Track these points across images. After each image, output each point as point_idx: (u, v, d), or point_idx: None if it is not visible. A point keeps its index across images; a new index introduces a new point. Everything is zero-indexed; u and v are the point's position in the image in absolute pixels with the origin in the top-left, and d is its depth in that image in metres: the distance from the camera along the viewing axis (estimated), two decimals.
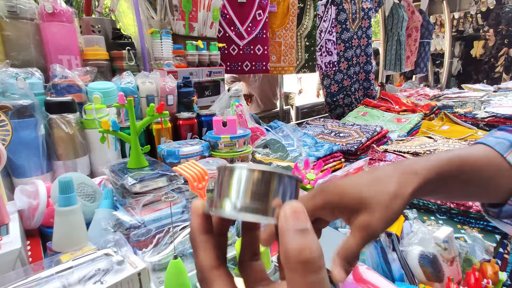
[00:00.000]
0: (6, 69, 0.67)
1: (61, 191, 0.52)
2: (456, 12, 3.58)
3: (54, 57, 0.78)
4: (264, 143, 0.95)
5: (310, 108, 2.24)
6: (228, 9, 1.18)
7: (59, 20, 0.78)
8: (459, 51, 3.82)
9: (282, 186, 0.19)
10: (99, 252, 0.47)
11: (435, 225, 0.73)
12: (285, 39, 1.36)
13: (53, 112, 0.69)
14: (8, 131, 0.56)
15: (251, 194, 0.18)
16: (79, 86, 0.76)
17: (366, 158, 0.85)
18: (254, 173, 0.18)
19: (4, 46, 0.73)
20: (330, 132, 1.35)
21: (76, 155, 0.72)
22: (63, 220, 0.52)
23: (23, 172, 0.66)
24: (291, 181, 0.19)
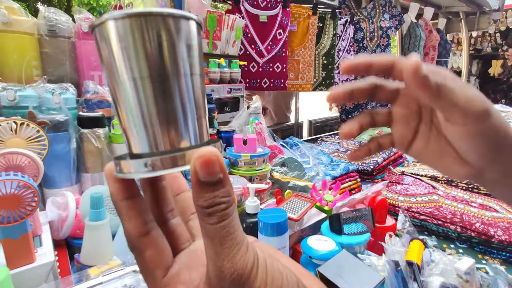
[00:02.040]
0: (44, 84, 0.71)
1: (93, 206, 0.54)
2: (474, 31, 3.56)
3: (87, 73, 0.82)
4: (282, 161, 0.97)
5: (323, 122, 2.25)
6: (250, 28, 1.22)
7: (93, 39, 0.82)
8: (477, 69, 3.78)
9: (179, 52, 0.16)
10: (127, 269, 0.49)
11: (455, 254, 0.73)
12: (304, 57, 1.39)
13: (85, 127, 0.72)
14: (45, 145, 0.59)
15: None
16: (108, 101, 0.80)
17: (385, 182, 0.85)
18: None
19: (43, 63, 0.78)
20: (346, 150, 1.35)
21: (103, 168, 0.75)
22: (93, 234, 0.54)
23: (53, 183, 0.69)
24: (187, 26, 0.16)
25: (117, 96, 0.16)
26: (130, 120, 0.16)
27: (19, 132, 0.57)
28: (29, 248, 0.47)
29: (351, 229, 0.63)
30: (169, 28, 0.15)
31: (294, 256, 0.69)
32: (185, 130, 0.17)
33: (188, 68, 0.17)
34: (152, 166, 0.16)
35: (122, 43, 0.15)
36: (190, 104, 0.17)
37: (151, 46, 0.15)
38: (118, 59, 0.15)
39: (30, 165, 0.54)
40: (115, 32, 0.15)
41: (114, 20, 0.15)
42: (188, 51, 0.16)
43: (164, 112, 0.16)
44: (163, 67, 0.16)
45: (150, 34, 0.15)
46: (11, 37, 0.73)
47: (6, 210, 0.43)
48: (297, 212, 0.69)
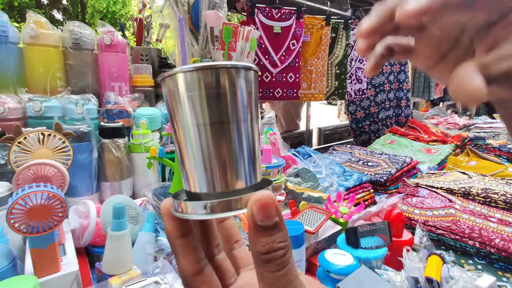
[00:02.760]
0: (68, 96, 0.74)
1: (115, 216, 0.55)
2: None
3: (108, 84, 0.85)
4: (296, 172, 0.97)
5: (332, 130, 2.24)
6: (264, 39, 1.24)
7: (115, 51, 0.85)
8: None
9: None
10: (149, 280, 0.50)
11: (474, 271, 0.71)
12: (317, 67, 1.40)
13: (106, 137, 0.74)
14: (70, 155, 0.61)
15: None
16: (128, 112, 0.82)
17: (401, 195, 0.85)
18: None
19: (66, 74, 0.80)
20: (358, 160, 1.35)
21: (122, 177, 0.77)
22: (115, 244, 0.55)
23: (75, 192, 0.71)
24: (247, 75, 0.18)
25: (180, 139, 0.18)
26: (191, 162, 0.18)
27: (46, 143, 0.59)
28: (55, 257, 0.48)
29: (368, 243, 0.63)
30: (231, 79, 0.17)
31: (310, 268, 0.69)
32: (242, 172, 0.18)
33: (248, 114, 0.18)
34: (211, 209, 0.17)
35: (190, 93, 0.17)
36: (247, 147, 0.18)
37: (215, 96, 0.17)
38: (185, 107, 0.17)
39: (56, 175, 0.56)
40: (183, 83, 0.17)
41: (183, 73, 0.17)
42: (247, 98, 0.18)
43: (223, 155, 0.17)
44: (225, 115, 0.17)
45: (215, 85, 0.17)
46: (38, 49, 0.76)
47: (35, 221, 0.45)
48: (313, 224, 0.69)
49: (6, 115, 0.67)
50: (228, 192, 0.17)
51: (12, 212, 0.43)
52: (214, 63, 0.17)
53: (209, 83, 0.17)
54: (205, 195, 0.18)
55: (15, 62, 0.74)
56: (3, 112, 0.66)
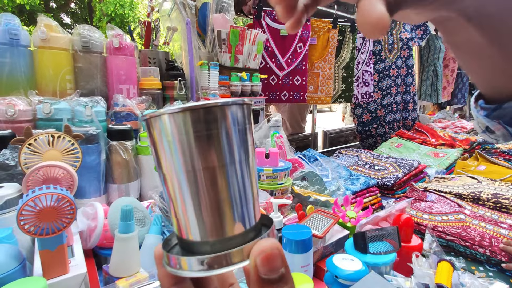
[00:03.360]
0: (78, 98, 0.74)
1: (122, 219, 0.56)
2: None
3: (116, 87, 0.85)
4: (302, 175, 0.97)
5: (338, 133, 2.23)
6: (270, 42, 1.24)
7: (123, 54, 0.85)
8: None
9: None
10: (156, 283, 0.50)
11: (485, 278, 0.70)
12: (323, 70, 1.39)
13: (114, 139, 0.74)
14: (79, 157, 0.62)
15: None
16: (136, 114, 0.82)
17: (409, 199, 0.84)
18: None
19: (76, 76, 0.81)
20: (365, 164, 1.34)
21: (129, 179, 0.77)
22: (122, 246, 0.55)
23: (83, 194, 0.71)
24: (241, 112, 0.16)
25: (169, 185, 0.16)
26: (181, 208, 0.16)
27: (56, 145, 0.59)
28: (64, 259, 0.48)
29: (377, 248, 0.62)
30: (223, 119, 0.16)
31: (317, 273, 0.68)
32: (238, 216, 0.16)
33: (243, 153, 0.16)
34: (208, 265, 0.15)
35: (177, 136, 0.15)
36: (244, 189, 0.16)
37: (206, 138, 0.15)
38: (172, 151, 0.15)
39: (66, 177, 0.56)
40: (170, 126, 0.15)
41: (170, 115, 0.15)
42: (242, 137, 0.16)
43: (218, 201, 0.16)
44: (219, 158, 0.16)
45: (206, 126, 0.15)
46: (48, 52, 0.77)
47: (45, 222, 0.45)
48: (321, 229, 0.69)
49: (16, 117, 0.67)
50: (224, 240, 0.16)
51: (22, 213, 0.43)
52: (202, 102, 0.15)
53: (200, 125, 0.15)
54: (199, 243, 0.16)
55: (26, 64, 0.75)
56: (14, 114, 0.67)
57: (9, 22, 0.72)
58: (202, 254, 0.16)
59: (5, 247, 0.45)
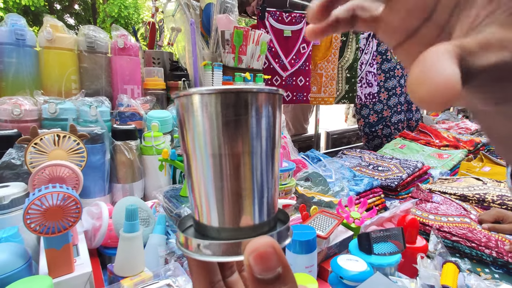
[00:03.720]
0: (83, 98, 0.75)
1: (127, 218, 0.56)
2: None
3: (120, 87, 0.86)
4: (306, 176, 0.96)
5: (340, 134, 2.22)
6: (274, 42, 1.24)
7: (128, 54, 0.86)
8: None
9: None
10: (162, 282, 0.50)
11: (491, 279, 0.69)
12: (327, 71, 1.39)
13: (118, 139, 0.75)
14: (84, 157, 0.62)
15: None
16: (140, 114, 0.83)
17: (414, 200, 0.83)
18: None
19: (81, 77, 0.82)
20: (368, 165, 1.33)
21: (133, 179, 0.77)
22: (127, 245, 0.56)
23: (88, 193, 0.71)
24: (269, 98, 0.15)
25: (192, 167, 0.16)
26: (201, 192, 0.16)
27: (61, 144, 0.60)
28: (69, 258, 0.48)
29: (381, 249, 0.61)
30: (256, 105, 0.15)
31: (321, 274, 0.68)
32: (257, 207, 0.16)
33: (270, 143, 0.16)
34: (213, 251, 0.16)
35: (208, 118, 0.15)
36: (267, 180, 0.16)
37: (236, 123, 0.15)
38: (200, 133, 0.15)
39: (71, 176, 0.57)
40: (201, 106, 0.15)
41: (202, 95, 0.15)
42: (272, 127, 0.16)
43: (240, 189, 0.16)
44: (247, 145, 0.15)
45: (237, 111, 0.15)
46: (54, 53, 0.77)
47: (51, 221, 0.45)
48: (325, 229, 0.69)
49: (22, 116, 0.68)
50: (238, 229, 0.16)
51: (29, 212, 0.43)
52: (238, 86, 0.15)
53: (230, 109, 0.15)
54: (213, 229, 0.16)
55: (32, 65, 0.76)
56: (20, 113, 0.67)
57: (16, 23, 0.73)
58: (214, 239, 0.16)
59: (11, 246, 0.46)
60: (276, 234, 0.16)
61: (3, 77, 0.73)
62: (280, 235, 0.17)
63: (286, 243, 0.17)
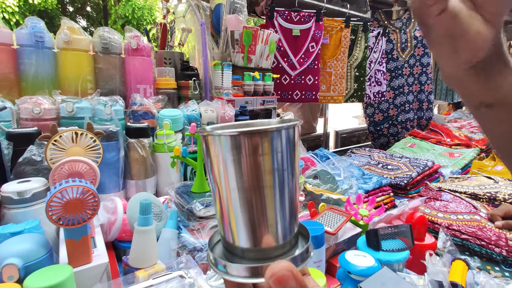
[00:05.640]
0: (98, 97, 0.78)
1: (141, 212, 0.58)
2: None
3: (134, 86, 0.88)
4: (315, 173, 0.97)
5: (350, 133, 2.22)
6: (283, 42, 1.25)
7: (141, 55, 0.88)
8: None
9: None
10: (174, 273, 0.52)
11: (501, 278, 0.69)
12: (336, 70, 1.39)
13: (132, 137, 0.77)
14: (100, 153, 0.64)
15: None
16: (153, 113, 0.85)
17: (423, 198, 0.83)
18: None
19: (96, 77, 0.85)
20: (377, 163, 1.33)
21: (146, 175, 0.80)
22: (141, 238, 0.58)
23: (103, 189, 0.74)
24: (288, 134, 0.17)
25: (220, 196, 0.18)
26: (229, 219, 0.18)
27: (79, 141, 0.62)
28: (88, 249, 0.51)
29: (389, 246, 0.62)
30: (276, 142, 0.17)
31: (329, 270, 0.69)
32: (281, 231, 0.18)
33: (290, 173, 0.18)
34: (238, 273, 0.17)
35: (231, 157, 0.17)
36: (290, 207, 0.18)
37: (256, 161, 0.17)
38: (225, 169, 0.17)
39: (89, 171, 0.59)
40: (226, 146, 0.17)
41: (227, 137, 0.17)
42: (291, 158, 0.18)
43: (263, 217, 0.18)
44: (268, 179, 0.17)
45: (259, 150, 0.17)
46: (70, 54, 0.81)
47: (71, 214, 0.48)
48: (333, 225, 0.70)
49: (42, 115, 0.71)
50: (262, 250, 0.18)
51: (51, 205, 0.46)
52: (259, 127, 0.17)
53: (253, 148, 0.17)
54: (238, 248, 0.18)
55: (50, 65, 0.79)
56: (40, 112, 0.71)
57: (35, 25, 0.76)
58: (239, 257, 0.18)
59: (34, 236, 0.48)
60: (294, 258, 0.18)
61: (24, 78, 0.76)
62: (298, 258, 0.18)
63: (305, 264, 0.19)
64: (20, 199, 0.57)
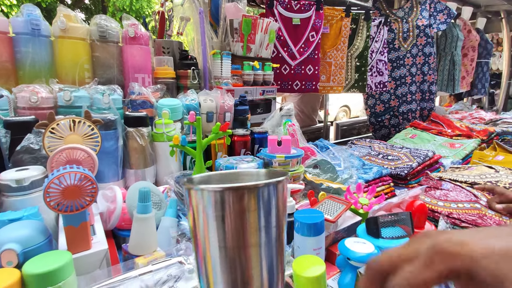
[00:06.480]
0: (96, 86, 0.77)
1: (140, 200, 0.58)
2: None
3: (132, 76, 0.87)
4: (315, 163, 0.97)
5: (350, 125, 2.21)
6: (283, 31, 1.24)
7: (139, 43, 0.87)
8: None
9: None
10: (174, 260, 0.52)
11: None
12: (336, 59, 1.38)
13: (130, 126, 0.77)
14: (98, 142, 0.64)
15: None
16: (151, 102, 0.84)
17: (423, 187, 0.83)
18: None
19: (93, 66, 0.84)
20: (378, 154, 1.32)
21: (145, 165, 0.79)
22: (140, 226, 0.58)
23: (102, 178, 0.74)
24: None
25: (202, 254, 0.17)
26: (209, 274, 0.17)
27: (77, 130, 0.62)
28: (87, 235, 0.51)
29: (389, 233, 0.62)
30: (262, 198, 0.16)
31: (329, 257, 0.69)
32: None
33: (276, 232, 0.17)
34: None
35: (217, 212, 0.16)
36: (272, 267, 0.17)
37: (240, 218, 0.16)
38: (208, 226, 0.16)
39: (87, 159, 0.59)
40: (209, 202, 0.16)
41: (210, 192, 0.16)
42: (280, 213, 0.17)
43: (246, 276, 0.17)
44: (253, 236, 0.16)
45: (243, 206, 0.16)
46: (67, 42, 0.80)
47: (69, 200, 0.48)
48: (333, 213, 0.69)
49: (39, 104, 0.70)
50: None
51: (48, 191, 0.46)
52: (244, 184, 0.16)
53: (239, 204, 0.16)
54: None
55: (47, 54, 0.78)
56: (37, 101, 0.70)
57: (31, 13, 0.75)
58: None
59: (33, 223, 0.48)
60: None
61: (20, 66, 0.76)
62: None
63: None
64: (19, 187, 0.57)
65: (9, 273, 0.40)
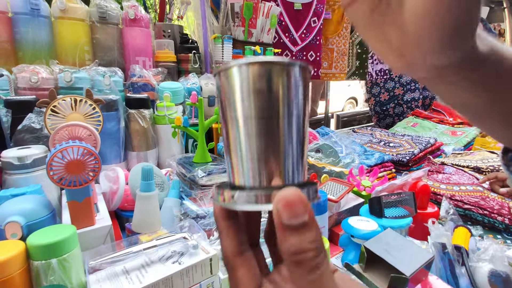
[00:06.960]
0: (96, 67, 0.76)
1: (143, 178, 0.57)
2: None
3: (132, 58, 0.87)
4: (317, 147, 0.96)
5: (351, 116, 2.20)
6: (284, 16, 1.22)
7: (139, 26, 0.86)
8: None
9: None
10: (178, 235, 0.52)
11: (503, 244, 0.69)
12: (338, 46, 1.37)
13: (132, 107, 0.76)
14: (100, 121, 0.63)
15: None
16: (152, 85, 0.84)
17: (425, 169, 0.83)
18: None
19: (93, 48, 0.83)
20: (379, 141, 1.32)
21: (147, 147, 0.79)
22: (144, 204, 0.58)
23: (104, 159, 0.73)
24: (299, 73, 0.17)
25: (229, 130, 0.18)
26: (238, 155, 0.18)
27: (78, 109, 0.61)
28: (90, 211, 0.51)
29: (392, 213, 0.62)
30: (288, 76, 0.17)
31: (332, 238, 0.69)
32: (288, 169, 0.17)
33: (301, 110, 0.18)
34: (246, 200, 0.17)
35: (243, 87, 0.17)
36: (297, 144, 0.18)
37: (268, 90, 0.17)
38: (236, 100, 0.17)
39: (89, 137, 0.58)
40: (238, 77, 0.17)
41: (239, 66, 0.17)
42: (302, 96, 0.18)
43: (271, 150, 0.17)
44: (278, 110, 0.17)
45: (270, 80, 0.16)
46: (67, 23, 0.78)
47: (72, 175, 0.47)
48: (336, 194, 0.69)
49: (39, 84, 0.70)
50: (267, 188, 0.17)
51: (52, 164, 0.45)
52: (271, 58, 0.16)
53: (263, 78, 0.16)
54: (246, 188, 0.17)
55: (46, 35, 0.77)
56: (37, 81, 0.69)
57: None
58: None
59: (37, 197, 0.48)
60: (303, 190, 0.18)
61: (20, 47, 0.75)
62: (307, 191, 0.18)
63: (312, 202, 0.18)
64: (21, 165, 0.56)
65: (14, 244, 0.40)
